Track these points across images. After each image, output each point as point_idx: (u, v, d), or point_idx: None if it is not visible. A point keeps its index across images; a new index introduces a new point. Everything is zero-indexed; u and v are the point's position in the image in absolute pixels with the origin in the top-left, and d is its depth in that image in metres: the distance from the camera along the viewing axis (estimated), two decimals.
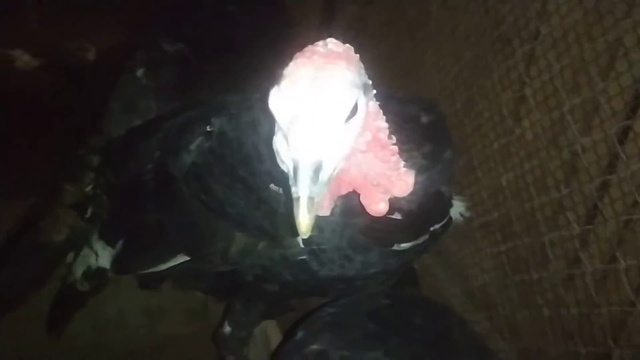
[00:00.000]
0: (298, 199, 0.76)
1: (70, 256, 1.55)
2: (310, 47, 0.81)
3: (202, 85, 1.56)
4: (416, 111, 1.14)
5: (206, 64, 1.60)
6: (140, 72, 1.49)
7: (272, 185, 1.05)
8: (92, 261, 1.46)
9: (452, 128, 1.63)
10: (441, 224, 1.21)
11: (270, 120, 0.85)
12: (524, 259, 1.68)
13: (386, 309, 1.11)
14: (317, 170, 0.76)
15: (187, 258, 1.22)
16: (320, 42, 0.82)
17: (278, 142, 0.81)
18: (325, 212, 0.96)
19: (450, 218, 1.25)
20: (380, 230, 1.09)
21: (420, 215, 1.11)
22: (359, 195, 0.98)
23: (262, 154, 1.05)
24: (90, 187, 1.49)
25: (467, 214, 1.31)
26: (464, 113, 1.88)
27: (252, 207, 1.09)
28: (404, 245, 1.15)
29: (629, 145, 1.32)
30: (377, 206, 0.97)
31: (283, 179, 0.95)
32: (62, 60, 2.90)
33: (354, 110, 0.79)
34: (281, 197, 1.05)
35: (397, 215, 1.07)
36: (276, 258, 1.13)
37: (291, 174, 0.77)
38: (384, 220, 1.05)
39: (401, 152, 0.96)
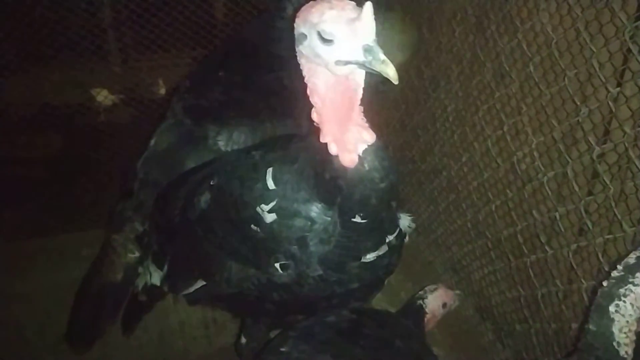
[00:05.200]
0: (383, 60, 1.05)
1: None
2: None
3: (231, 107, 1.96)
4: None
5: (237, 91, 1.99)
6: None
7: (252, 226, 1.38)
8: (148, 279, 1.87)
9: None
10: (394, 235, 1.39)
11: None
12: None
13: (346, 322, 1.38)
14: (378, 42, 1.06)
15: (204, 283, 1.58)
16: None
17: (339, 54, 1.08)
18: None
19: (401, 230, 1.42)
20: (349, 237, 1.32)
21: (377, 220, 1.30)
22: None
23: (246, 201, 1.38)
24: (142, 227, 1.92)
25: (414, 226, 1.48)
26: None
27: (239, 242, 1.42)
28: (370, 257, 1.36)
29: None
30: (350, 155, 1.20)
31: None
32: (138, 95, 3.44)
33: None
34: (259, 234, 1.37)
35: (357, 219, 1.29)
36: (264, 282, 1.45)
37: (364, 58, 1.06)
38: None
39: None
